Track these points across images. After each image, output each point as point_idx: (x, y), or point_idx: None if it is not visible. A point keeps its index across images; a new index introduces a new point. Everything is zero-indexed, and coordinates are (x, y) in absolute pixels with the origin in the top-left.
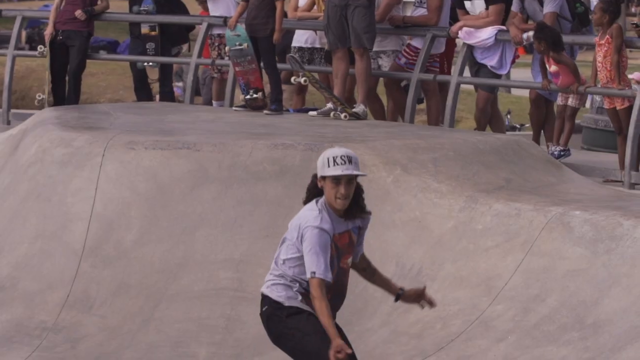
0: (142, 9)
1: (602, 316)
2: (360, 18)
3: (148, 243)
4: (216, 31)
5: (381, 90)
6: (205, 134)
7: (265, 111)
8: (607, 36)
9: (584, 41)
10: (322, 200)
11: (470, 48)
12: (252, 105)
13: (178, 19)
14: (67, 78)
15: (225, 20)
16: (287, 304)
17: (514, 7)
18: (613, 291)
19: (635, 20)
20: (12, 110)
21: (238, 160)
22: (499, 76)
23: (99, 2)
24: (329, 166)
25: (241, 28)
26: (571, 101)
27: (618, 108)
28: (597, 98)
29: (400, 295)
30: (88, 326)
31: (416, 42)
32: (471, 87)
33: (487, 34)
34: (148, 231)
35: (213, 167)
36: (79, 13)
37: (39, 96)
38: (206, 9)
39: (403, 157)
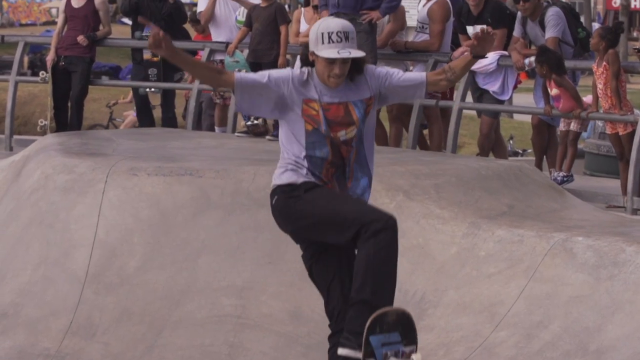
0: (144, 34)
1: (605, 342)
2: (362, 43)
3: (151, 270)
4: (218, 57)
5: (383, 116)
6: (208, 160)
7: (267, 137)
8: (604, 63)
9: (586, 66)
10: (313, 69)
11: (472, 73)
12: (254, 132)
13: (180, 45)
14: (69, 104)
15: (227, 45)
16: (300, 181)
17: (516, 32)
18: (616, 317)
19: (637, 45)
20: (15, 137)
21: (241, 187)
22: (501, 101)
23: (101, 28)
24: (322, 43)
25: (240, 54)
26: (573, 126)
27: (621, 133)
28: (600, 123)
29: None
30: (91, 353)
31: (419, 69)
32: (473, 112)
33: (489, 59)
34: (151, 258)
35: (216, 193)
36: (81, 39)
37: (42, 122)
38: (199, 31)
39: (405, 183)
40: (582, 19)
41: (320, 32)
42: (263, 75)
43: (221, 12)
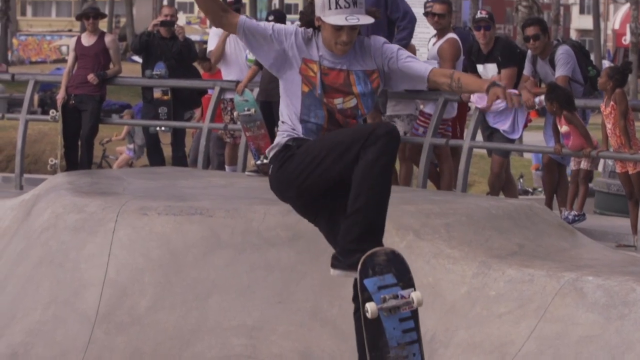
0: (154, 73)
1: None
2: None
3: (161, 309)
4: (228, 95)
5: None
6: (218, 199)
7: None
8: (612, 102)
9: (596, 105)
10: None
11: (482, 112)
12: (264, 171)
13: (190, 83)
14: (79, 142)
15: (237, 84)
16: (292, 143)
17: (526, 71)
18: (627, 357)
19: None
20: (25, 175)
21: (251, 226)
22: (511, 140)
23: (111, 66)
24: (329, 7)
25: (249, 93)
26: (584, 164)
27: (630, 172)
28: (610, 162)
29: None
30: None
31: (429, 109)
32: (483, 150)
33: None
34: (161, 297)
35: (226, 233)
36: (91, 77)
37: (52, 161)
38: (206, 69)
39: (416, 222)
40: (592, 57)
41: None
42: (267, 27)
43: (231, 51)
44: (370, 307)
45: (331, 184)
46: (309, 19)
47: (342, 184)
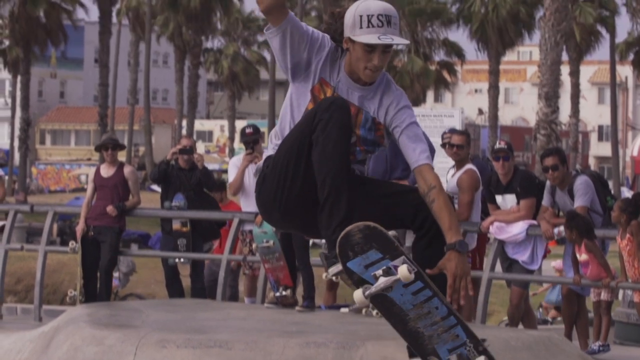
0: (173, 204)
1: None
2: None
3: None
4: (247, 227)
5: None
6: (237, 332)
7: (297, 308)
8: (628, 235)
9: (615, 235)
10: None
11: (501, 243)
12: (283, 303)
13: (209, 215)
14: (98, 274)
15: (256, 216)
16: (266, 163)
17: (545, 202)
18: None
19: None
20: (44, 307)
21: (270, 359)
22: (531, 271)
23: (130, 198)
24: (361, 27)
25: (268, 225)
26: (604, 295)
27: None
28: (629, 292)
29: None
30: None
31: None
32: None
33: (518, 228)
34: None
35: None
36: (110, 209)
37: (71, 292)
38: (217, 199)
39: None
40: (610, 184)
41: (359, 14)
42: (308, 30)
43: (250, 183)
44: (356, 297)
45: (309, 189)
46: (334, 36)
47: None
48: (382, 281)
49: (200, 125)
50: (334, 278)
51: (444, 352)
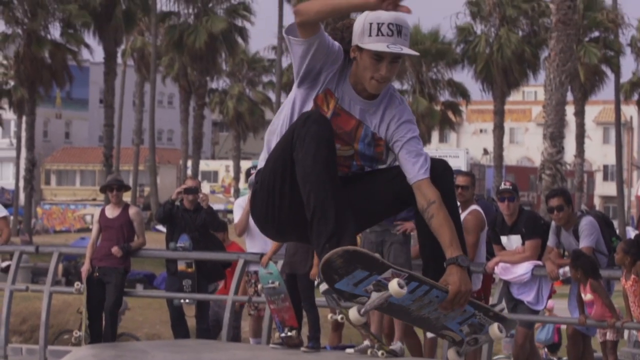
0: (178, 245)
1: None
2: (397, 254)
3: None
4: (252, 268)
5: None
6: None
7: (302, 348)
8: (633, 276)
9: (620, 276)
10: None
11: (507, 284)
12: (289, 343)
13: (214, 256)
14: (103, 314)
15: (261, 257)
16: (256, 177)
17: (550, 242)
18: None
19: None
20: (49, 347)
21: None
22: (536, 312)
23: (135, 239)
24: (370, 35)
25: (273, 266)
26: (609, 335)
27: None
28: (634, 332)
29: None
30: None
31: None
32: None
33: (523, 269)
34: None
35: None
36: (115, 250)
37: (76, 333)
38: (222, 239)
39: None
40: (615, 223)
41: (369, 21)
42: (330, 43)
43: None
44: (352, 316)
45: (298, 205)
46: (341, 43)
47: None
48: (375, 297)
49: (205, 165)
50: (339, 319)
51: (454, 325)
